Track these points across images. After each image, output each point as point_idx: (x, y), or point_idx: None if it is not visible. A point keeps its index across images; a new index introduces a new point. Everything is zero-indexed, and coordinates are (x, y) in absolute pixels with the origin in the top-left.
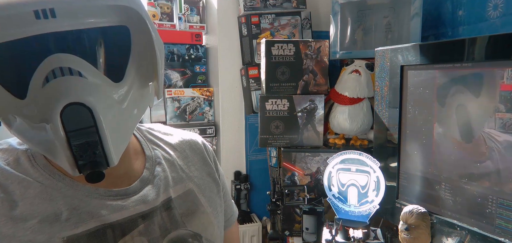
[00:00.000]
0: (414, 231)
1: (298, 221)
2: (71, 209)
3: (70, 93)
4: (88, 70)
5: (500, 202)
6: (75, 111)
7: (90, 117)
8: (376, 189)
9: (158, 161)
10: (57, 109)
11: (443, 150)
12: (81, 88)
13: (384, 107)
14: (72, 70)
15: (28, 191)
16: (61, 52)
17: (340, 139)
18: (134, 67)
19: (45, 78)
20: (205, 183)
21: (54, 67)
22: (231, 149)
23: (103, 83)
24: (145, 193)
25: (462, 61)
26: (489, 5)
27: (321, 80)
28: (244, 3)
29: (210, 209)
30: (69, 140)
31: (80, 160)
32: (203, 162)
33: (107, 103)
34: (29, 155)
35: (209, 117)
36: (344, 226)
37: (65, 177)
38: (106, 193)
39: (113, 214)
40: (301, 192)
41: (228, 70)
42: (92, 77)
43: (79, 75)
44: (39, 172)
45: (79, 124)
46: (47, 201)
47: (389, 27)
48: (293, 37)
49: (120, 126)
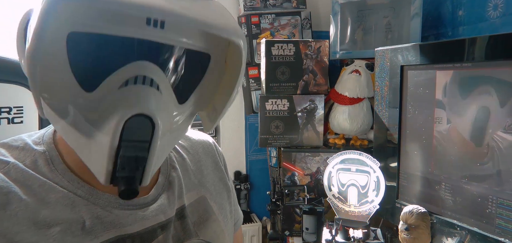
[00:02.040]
0: (414, 231)
1: (298, 221)
2: (93, 218)
3: (146, 104)
4: (165, 86)
5: (500, 202)
6: (141, 123)
7: (149, 133)
8: (376, 189)
9: (173, 165)
10: (127, 114)
11: (443, 150)
12: (155, 103)
13: (384, 107)
14: (153, 82)
15: (50, 195)
16: (150, 61)
17: (340, 139)
18: (198, 94)
19: (125, 81)
20: (217, 189)
21: (139, 74)
22: (231, 149)
23: (171, 103)
24: (162, 201)
25: (462, 61)
26: (489, 5)
27: (321, 80)
28: (244, 3)
29: (221, 217)
30: (119, 149)
31: (120, 173)
32: (215, 166)
33: (168, 124)
34: (47, 157)
35: None
36: (344, 226)
37: (84, 184)
38: (127, 203)
39: (134, 224)
40: (301, 192)
41: None
42: (166, 94)
43: (157, 89)
44: (58, 177)
45: (137, 136)
46: (69, 207)
47: (389, 27)
48: (293, 37)
49: (165, 148)
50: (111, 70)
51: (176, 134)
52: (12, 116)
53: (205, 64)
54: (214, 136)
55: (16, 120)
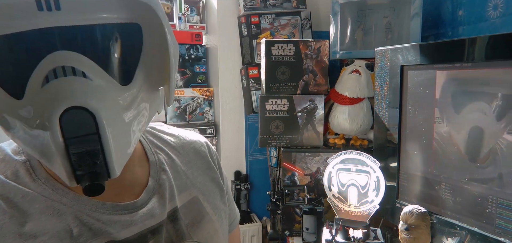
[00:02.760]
0: (414, 231)
1: (298, 221)
2: (80, 225)
3: (72, 96)
4: (93, 70)
5: (500, 202)
6: (76, 116)
7: (92, 124)
8: (376, 189)
9: (162, 167)
10: (56, 113)
11: (443, 150)
12: (84, 91)
13: (384, 107)
14: (75, 70)
15: (33, 205)
16: (64, 49)
17: (340, 139)
18: (143, 70)
19: (45, 77)
20: (210, 189)
21: (55, 66)
22: (231, 149)
23: (109, 86)
24: (152, 205)
25: (462, 62)
26: (489, 5)
27: (321, 80)
28: (244, 3)
29: (215, 217)
30: (68, 147)
31: (79, 170)
32: (207, 166)
33: (112, 108)
34: (28, 167)
35: (209, 117)
36: (344, 226)
37: (69, 191)
38: (114, 207)
39: (122, 231)
40: (301, 192)
41: (228, 70)
42: (98, 79)
43: (83, 76)
44: (41, 187)
45: (80, 130)
46: (55, 216)
47: (389, 27)
48: (293, 37)
49: (125, 133)
50: (30, 71)
51: (137, 116)
52: None
53: (137, 37)
54: (214, 135)
55: None
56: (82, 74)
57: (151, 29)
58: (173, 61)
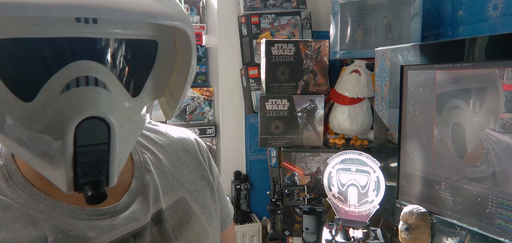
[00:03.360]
0: (414, 231)
1: (298, 221)
2: (56, 233)
3: (94, 106)
4: (113, 83)
5: (500, 202)
6: (92, 126)
7: (105, 134)
8: (376, 189)
9: (147, 168)
10: (74, 121)
11: (443, 150)
12: (105, 102)
13: (384, 107)
14: (98, 81)
15: (7, 213)
16: (88, 59)
17: (340, 139)
18: (151, 83)
19: (67, 85)
20: (198, 187)
21: (80, 75)
22: (231, 149)
23: (123, 98)
24: (135, 207)
25: (462, 61)
26: (489, 5)
27: (321, 80)
28: (244, 3)
29: (204, 216)
30: (76, 156)
31: (82, 179)
32: (197, 163)
33: (123, 119)
34: (4, 172)
35: (209, 117)
36: (344, 226)
37: (46, 197)
38: (94, 213)
39: (102, 236)
40: (301, 192)
41: (228, 70)
42: (116, 91)
43: (104, 87)
44: (17, 193)
45: (92, 139)
46: (30, 224)
47: (389, 27)
48: (293, 37)
49: (127, 143)
50: (48, 76)
51: (136, 127)
52: None
53: (153, 52)
54: (214, 135)
55: None
56: (103, 86)
57: (167, 46)
58: (189, 79)
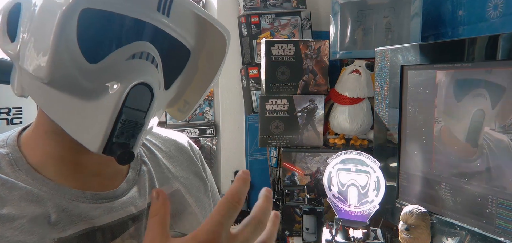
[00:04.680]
0: (414, 231)
1: (298, 221)
2: (59, 212)
3: (149, 76)
4: (161, 68)
5: (500, 202)
6: (142, 92)
7: (148, 104)
8: (376, 189)
9: (143, 160)
10: (133, 81)
11: (443, 150)
12: (156, 77)
13: (384, 107)
14: (154, 60)
15: (13, 192)
16: (152, 43)
17: (340, 139)
18: (178, 85)
19: (132, 55)
20: (192, 182)
21: (144, 51)
22: (231, 149)
23: (162, 84)
24: (133, 194)
25: (462, 61)
26: (489, 5)
27: (321, 80)
28: (244, 3)
29: (198, 209)
30: (120, 114)
31: (118, 138)
32: (190, 161)
33: (160, 99)
34: (10, 159)
35: (209, 117)
36: (344, 226)
37: (49, 181)
38: (94, 196)
39: (102, 217)
40: (301, 192)
41: (228, 70)
42: (161, 75)
43: (156, 67)
44: (21, 177)
45: (138, 104)
46: (34, 202)
47: (389, 27)
48: (293, 37)
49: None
50: (119, 46)
51: (159, 114)
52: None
53: (185, 58)
54: (214, 135)
55: (15, 121)
56: (156, 65)
57: (197, 59)
58: (205, 94)
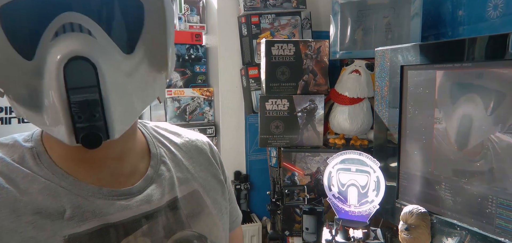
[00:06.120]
0: (414, 231)
1: (298, 221)
2: (74, 207)
3: (78, 47)
4: (98, 32)
5: (500, 202)
6: (79, 66)
7: (94, 77)
8: (376, 189)
9: (163, 160)
10: (62, 61)
11: (443, 150)
12: (89, 45)
13: (384, 107)
14: (82, 28)
15: (33, 185)
16: (75, 11)
17: (340, 139)
18: (144, 47)
19: (55, 33)
20: (210, 184)
21: (64, 22)
22: (231, 149)
23: (111, 49)
24: (149, 192)
25: (462, 61)
26: (489, 5)
27: (321, 80)
28: (244, 3)
29: (215, 211)
30: (69, 98)
31: (78, 123)
32: (209, 162)
33: (113, 67)
34: (34, 153)
35: (209, 117)
36: (344, 226)
37: (68, 176)
38: (110, 193)
39: (116, 213)
40: (301, 192)
41: (228, 70)
42: (102, 40)
43: (88, 34)
44: (43, 170)
45: (82, 81)
46: (51, 197)
47: (389, 27)
48: (293, 37)
49: (126, 98)
50: (42, 31)
51: (139, 88)
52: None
53: (140, 13)
54: (214, 135)
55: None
56: (88, 32)
57: (153, 8)
58: (169, 34)
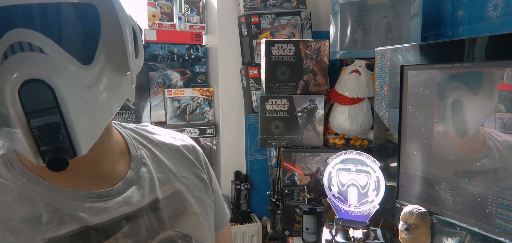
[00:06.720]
0: (414, 231)
1: (298, 221)
2: (51, 212)
3: (28, 68)
4: (51, 47)
5: (500, 202)
6: (34, 90)
7: (51, 97)
8: (376, 189)
9: (143, 161)
10: (14, 86)
11: (443, 150)
12: (41, 64)
13: (384, 107)
14: (32, 46)
15: (6, 194)
16: (22, 27)
17: (340, 139)
18: (104, 52)
19: (4, 54)
20: (193, 183)
21: (12, 42)
22: (231, 149)
23: (67, 63)
24: (129, 194)
25: (462, 61)
26: (489, 5)
27: (321, 80)
28: (244, 3)
29: (199, 209)
30: (29, 122)
31: (42, 146)
32: (191, 163)
33: (72, 84)
34: (5, 160)
35: (209, 117)
36: (344, 226)
37: (44, 180)
38: (87, 195)
39: (94, 216)
40: (301, 192)
41: (228, 70)
42: (55, 55)
43: (40, 51)
44: (16, 177)
45: (40, 104)
46: (26, 203)
47: (389, 27)
48: (293, 37)
49: (90, 111)
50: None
51: (104, 97)
52: None
53: (95, 18)
54: (214, 135)
55: None
56: (39, 50)
57: (107, 11)
58: (126, 37)
